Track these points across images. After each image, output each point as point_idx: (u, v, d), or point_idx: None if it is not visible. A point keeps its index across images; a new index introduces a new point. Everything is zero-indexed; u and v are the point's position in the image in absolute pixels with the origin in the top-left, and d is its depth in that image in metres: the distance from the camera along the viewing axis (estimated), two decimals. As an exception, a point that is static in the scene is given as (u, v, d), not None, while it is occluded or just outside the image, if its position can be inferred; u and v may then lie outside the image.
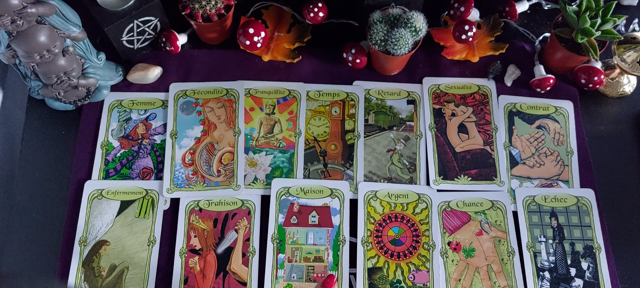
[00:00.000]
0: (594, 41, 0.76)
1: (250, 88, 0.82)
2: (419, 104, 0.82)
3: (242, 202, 0.75)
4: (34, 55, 0.66)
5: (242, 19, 0.81)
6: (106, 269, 0.71)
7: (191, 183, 0.75)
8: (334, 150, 0.78)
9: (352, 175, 0.77)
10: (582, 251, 0.73)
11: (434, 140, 0.79)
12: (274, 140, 0.79)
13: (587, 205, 0.76)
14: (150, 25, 0.79)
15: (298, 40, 0.83)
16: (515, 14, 0.85)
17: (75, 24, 0.67)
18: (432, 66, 0.84)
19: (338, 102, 0.81)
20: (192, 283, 0.71)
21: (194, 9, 0.77)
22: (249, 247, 0.72)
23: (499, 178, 0.77)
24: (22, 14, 0.60)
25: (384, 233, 0.73)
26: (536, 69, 0.83)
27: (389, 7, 0.77)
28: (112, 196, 0.75)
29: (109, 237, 0.73)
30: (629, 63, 0.79)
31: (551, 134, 0.80)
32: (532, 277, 0.72)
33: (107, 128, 0.79)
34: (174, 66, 0.83)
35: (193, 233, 0.73)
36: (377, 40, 0.76)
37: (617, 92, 0.83)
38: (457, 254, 0.73)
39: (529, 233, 0.74)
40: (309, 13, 0.81)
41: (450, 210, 0.75)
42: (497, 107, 0.82)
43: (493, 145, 0.79)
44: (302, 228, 0.73)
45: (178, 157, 0.77)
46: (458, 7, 0.81)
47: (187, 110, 0.80)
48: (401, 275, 0.71)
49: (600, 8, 0.76)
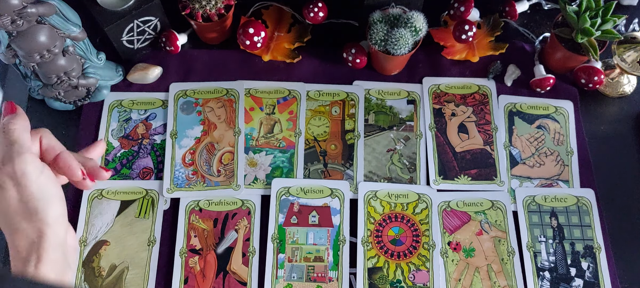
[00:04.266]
0: (594, 41, 0.76)
1: (250, 88, 0.82)
2: (419, 103, 0.81)
3: (242, 202, 0.75)
4: (34, 55, 0.66)
5: (242, 19, 0.81)
6: (106, 269, 0.71)
7: (191, 183, 0.75)
8: (334, 150, 0.78)
9: (352, 175, 0.77)
10: (582, 251, 0.73)
11: (434, 140, 0.79)
12: (274, 140, 0.79)
13: (587, 205, 0.76)
14: (150, 25, 0.79)
15: (298, 40, 0.83)
16: (515, 14, 0.85)
17: (75, 23, 0.67)
18: (432, 66, 0.84)
19: (338, 102, 0.81)
20: (192, 283, 0.70)
21: (194, 9, 0.77)
22: (249, 246, 0.72)
23: (499, 178, 0.77)
24: (22, 14, 0.60)
25: (384, 233, 0.73)
26: (536, 69, 0.83)
27: (389, 7, 0.77)
28: (112, 196, 0.75)
29: (109, 237, 0.73)
30: (629, 63, 0.79)
31: (551, 133, 0.80)
32: (532, 276, 0.72)
33: (107, 128, 0.79)
34: (174, 66, 0.83)
35: (193, 233, 0.73)
36: (377, 40, 0.76)
37: (617, 92, 0.83)
38: (457, 254, 0.73)
39: (529, 233, 0.74)
40: (309, 13, 0.81)
41: (450, 210, 0.75)
42: (497, 107, 0.82)
43: (493, 145, 0.79)
44: (302, 228, 0.73)
45: (178, 157, 0.77)
46: (458, 7, 0.81)
47: (187, 110, 0.80)
48: (401, 275, 0.71)
49: (600, 8, 0.76)
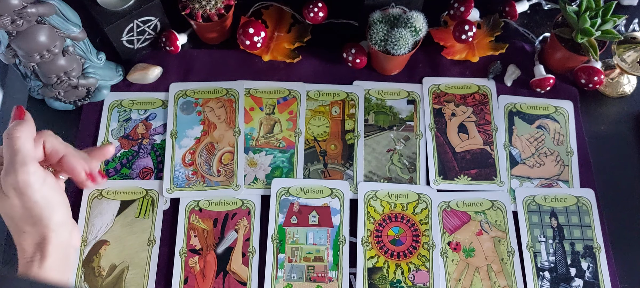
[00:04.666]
0: (594, 41, 0.76)
1: (250, 88, 0.82)
2: (419, 103, 0.81)
3: (242, 202, 0.75)
4: (34, 55, 0.66)
5: (242, 19, 0.81)
6: (106, 269, 0.71)
7: (191, 183, 0.75)
8: (334, 150, 0.78)
9: (352, 175, 0.77)
10: (582, 251, 0.73)
11: (434, 140, 0.79)
12: (274, 140, 0.79)
13: (587, 205, 0.76)
14: (150, 25, 0.79)
15: (298, 40, 0.83)
16: (515, 14, 0.85)
17: (75, 23, 0.67)
18: (432, 66, 0.84)
19: (338, 102, 0.81)
20: (192, 283, 0.71)
21: (194, 9, 0.77)
22: (249, 246, 0.72)
23: (499, 178, 0.77)
24: (22, 13, 0.60)
25: (384, 233, 0.73)
26: (536, 69, 0.83)
27: (389, 7, 0.77)
28: (112, 196, 0.75)
29: (109, 237, 0.73)
30: (629, 63, 0.79)
31: (551, 133, 0.80)
32: (532, 276, 0.72)
33: (107, 128, 0.79)
34: (174, 66, 0.83)
35: (193, 233, 0.73)
36: (377, 40, 0.76)
37: (617, 92, 0.83)
38: (457, 254, 0.73)
39: (529, 233, 0.74)
40: (309, 13, 0.81)
41: (450, 210, 0.75)
42: (497, 107, 0.82)
43: (493, 145, 0.79)
44: (302, 228, 0.73)
45: (178, 157, 0.77)
46: (458, 7, 0.81)
47: (187, 110, 0.80)
48: (401, 275, 0.71)
49: (600, 8, 0.76)
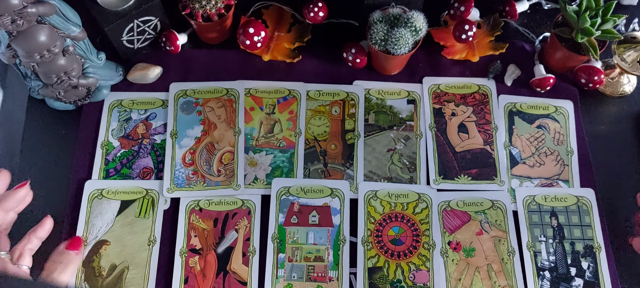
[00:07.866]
0: (594, 41, 0.76)
1: (250, 88, 0.82)
2: (419, 103, 0.82)
3: (243, 202, 0.75)
4: (34, 55, 0.66)
5: (242, 18, 0.81)
6: (106, 269, 0.71)
7: (191, 183, 0.75)
8: (334, 149, 0.78)
9: (352, 175, 0.77)
10: (582, 251, 0.73)
11: (434, 139, 0.79)
12: (274, 140, 0.79)
13: (587, 204, 0.76)
14: (151, 25, 0.79)
15: (298, 40, 0.83)
16: (515, 14, 0.85)
17: (75, 23, 0.67)
18: (432, 66, 0.84)
19: (338, 102, 0.81)
20: (192, 283, 0.71)
21: (194, 8, 0.77)
22: (249, 246, 0.72)
23: (499, 178, 0.77)
24: (23, 13, 0.60)
25: (384, 233, 0.73)
26: (536, 69, 0.83)
27: (389, 7, 0.77)
28: (113, 196, 0.75)
29: (109, 237, 0.73)
30: (629, 63, 0.79)
31: (551, 133, 0.80)
32: (532, 276, 0.72)
33: (108, 128, 0.79)
34: (174, 66, 0.83)
35: (193, 233, 0.73)
36: (377, 40, 0.76)
37: (617, 91, 0.83)
38: (458, 254, 0.73)
39: (529, 233, 0.74)
40: (309, 13, 0.81)
41: (450, 209, 0.75)
42: (497, 106, 0.82)
43: (493, 144, 0.79)
44: (303, 228, 0.73)
45: (178, 157, 0.77)
46: (458, 6, 0.81)
47: (187, 109, 0.80)
48: (401, 275, 0.71)
49: (600, 8, 0.76)
